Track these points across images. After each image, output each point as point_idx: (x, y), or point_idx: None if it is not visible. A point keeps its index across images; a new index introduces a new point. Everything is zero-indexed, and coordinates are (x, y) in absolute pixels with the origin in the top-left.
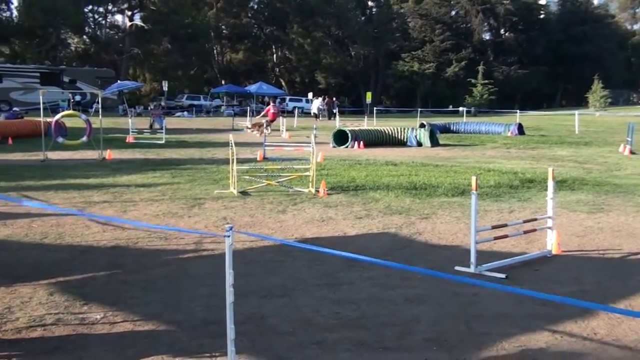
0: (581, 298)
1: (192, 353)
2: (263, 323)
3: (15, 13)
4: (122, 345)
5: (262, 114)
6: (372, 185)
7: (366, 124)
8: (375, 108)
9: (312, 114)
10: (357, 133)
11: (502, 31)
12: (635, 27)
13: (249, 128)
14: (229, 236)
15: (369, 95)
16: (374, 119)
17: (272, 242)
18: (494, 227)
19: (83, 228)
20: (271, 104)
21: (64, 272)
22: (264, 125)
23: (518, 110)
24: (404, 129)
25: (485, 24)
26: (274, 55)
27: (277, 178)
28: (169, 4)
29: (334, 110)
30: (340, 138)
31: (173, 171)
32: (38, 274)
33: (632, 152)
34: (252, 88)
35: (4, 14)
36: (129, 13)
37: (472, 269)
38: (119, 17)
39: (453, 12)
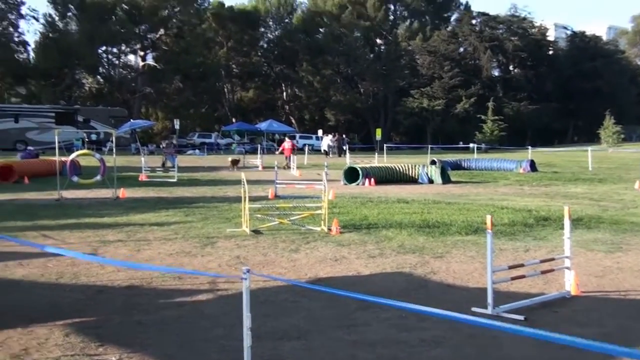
0: (603, 341)
1: None
2: None
3: (32, 55)
4: None
5: (279, 151)
6: (384, 224)
7: (377, 160)
8: (385, 145)
9: (322, 151)
10: (368, 170)
11: (511, 67)
12: None
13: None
14: (246, 278)
15: (378, 132)
16: (384, 155)
17: (285, 282)
18: (510, 267)
19: (98, 267)
20: (286, 139)
21: (79, 312)
22: (285, 164)
23: (529, 147)
24: (415, 165)
25: (494, 60)
26: (284, 93)
27: (289, 216)
28: (180, 44)
29: (344, 148)
30: (351, 175)
31: (186, 209)
32: (54, 314)
33: None
34: (263, 126)
35: (21, 56)
36: (142, 53)
37: (489, 310)
38: (132, 57)
39: (461, 49)
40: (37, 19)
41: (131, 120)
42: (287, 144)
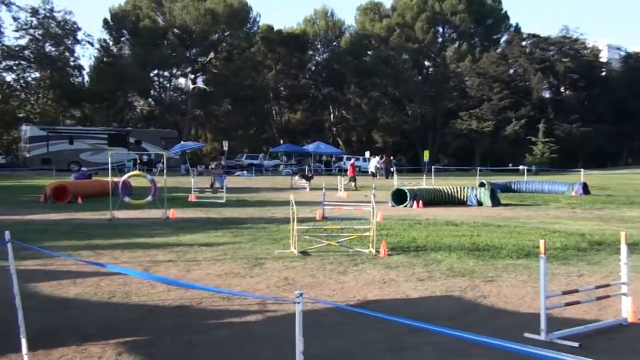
0: None
1: None
2: None
3: (86, 78)
4: None
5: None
6: (433, 246)
7: (424, 182)
8: (433, 166)
9: (369, 173)
10: (415, 192)
11: (562, 89)
12: None
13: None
14: (299, 302)
15: (426, 153)
16: (432, 177)
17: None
18: (564, 293)
19: (149, 287)
20: (352, 160)
21: (131, 331)
22: (351, 183)
23: (582, 169)
24: (464, 187)
25: (545, 82)
26: (331, 115)
27: (337, 238)
28: (230, 67)
29: (392, 169)
30: (399, 197)
31: (234, 230)
32: (106, 333)
33: None
34: (310, 147)
35: (76, 80)
36: (192, 76)
37: (542, 337)
38: (182, 80)
39: (511, 71)
40: (92, 44)
41: (181, 141)
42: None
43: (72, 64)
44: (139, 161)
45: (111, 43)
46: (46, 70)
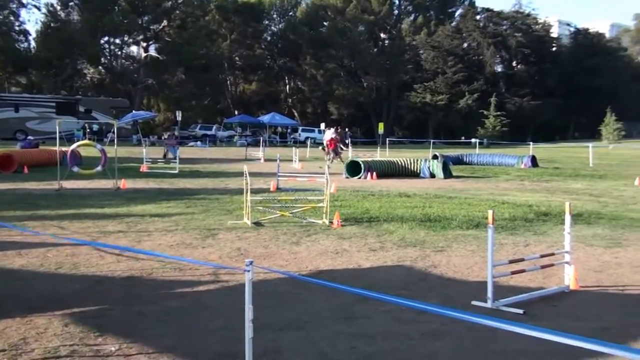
0: (602, 335)
1: None
2: (279, 357)
3: (32, 44)
4: None
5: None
6: (385, 217)
7: (379, 154)
8: (387, 139)
9: (324, 145)
10: (370, 164)
11: (514, 63)
12: None
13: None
14: (249, 270)
15: (381, 126)
16: (387, 149)
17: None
18: (511, 262)
19: (98, 258)
20: (331, 130)
21: (78, 302)
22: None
23: (531, 142)
24: (417, 160)
25: (497, 56)
26: (287, 86)
27: (290, 209)
28: (183, 36)
29: (346, 141)
30: (353, 169)
31: (187, 201)
32: (53, 304)
33: None
34: (265, 118)
35: (22, 45)
36: (144, 44)
37: (489, 304)
38: (134, 48)
39: (465, 45)
40: (38, 8)
41: (133, 111)
42: (332, 135)
43: (17, 28)
44: (88, 130)
45: (59, 8)
46: None
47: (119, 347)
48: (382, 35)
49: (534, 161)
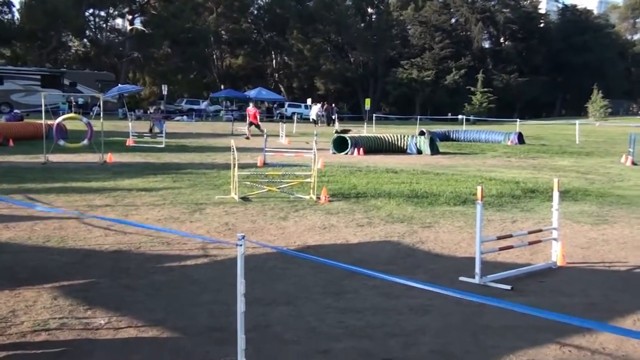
0: (588, 311)
1: None
2: (268, 331)
3: (17, 15)
4: (127, 351)
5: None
6: (373, 193)
7: (365, 130)
8: (374, 115)
9: (310, 120)
10: (357, 140)
11: (501, 40)
12: (635, 37)
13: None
14: (241, 245)
15: (368, 102)
16: (373, 125)
17: (274, 249)
18: (499, 238)
19: (85, 232)
20: (251, 106)
21: (67, 275)
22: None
23: (518, 119)
24: (404, 136)
25: (485, 32)
26: (274, 61)
27: (278, 184)
28: (169, 9)
29: (333, 117)
30: (340, 144)
31: (174, 175)
32: (41, 277)
33: (634, 163)
34: (252, 93)
35: (6, 17)
36: (130, 17)
37: (476, 280)
38: (119, 21)
39: (453, 20)
40: None
41: (119, 84)
42: (251, 110)
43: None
44: (74, 103)
45: None
46: None
47: (108, 320)
48: (370, 10)
49: (520, 138)
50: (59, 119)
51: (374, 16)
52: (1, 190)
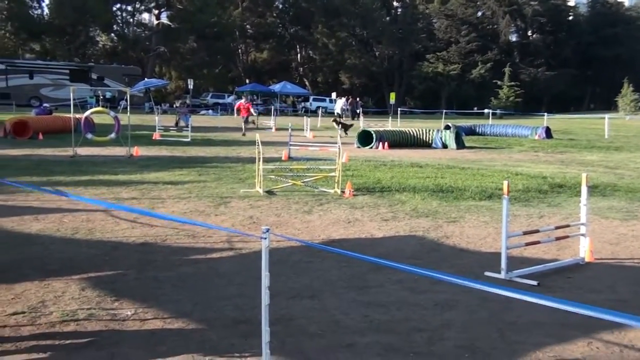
0: (617, 308)
1: (222, 352)
2: (292, 324)
3: (46, 11)
4: (153, 342)
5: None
6: (398, 187)
7: (390, 124)
8: (399, 109)
9: (335, 114)
10: (381, 134)
11: (529, 33)
12: None
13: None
14: (265, 238)
15: (392, 96)
16: (398, 120)
17: (299, 243)
18: (525, 233)
19: (113, 224)
20: (242, 100)
21: (95, 267)
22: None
23: (545, 113)
24: (429, 130)
25: (512, 25)
26: (298, 55)
27: (302, 178)
28: (195, 3)
29: (357, 111)
30: (365, 139)
31: (199, 169)
32: (70, 268)
33: None
34: (276, 87)
35: (36, 12)
36: (156, 12)
37: (502, 275)
38: (146, 16)
39: (479, 13)
40: None
41: (145, 79)
42: (243, 105)
43: None
44: (101, 98)
45: None
46: (3, 1)
47: (135, 312)
48: (395, 3)
49: (548, 132)
50: (87, 113)
51: (399, 10)
52: (31, 183)
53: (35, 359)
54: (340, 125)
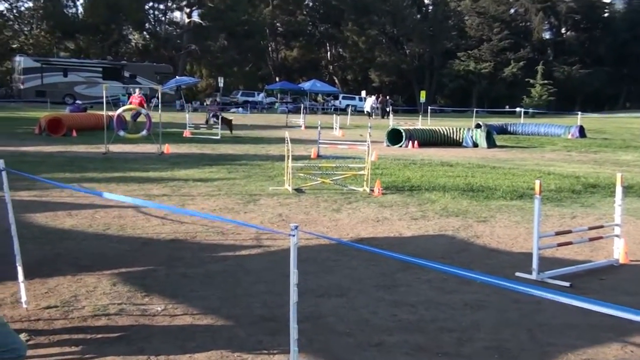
0: None
1: (250, 349)
2: (321, 322)
3: (80, 9)
4: (183, 338)
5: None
6: (427, 186)
7: (420, 123)
8: (429, 107)
9: (365, 113)
10: (411, 132)
11: (563, 30)
12: None
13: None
14: (294, 235)
15: (423, 94)
16: (428, 118)
17: (328, 241)
18: (557, 233)
19: (143, 220)
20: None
21: (126, 263)
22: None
23: (579, 112)
24: (460, 129)
25: (546, 22)
26: (328, 53)
27: (331, 176)
28: (226, 1)
29: (387, 109)
30: (394, 137)
31: (229, 167)
32: (101, 264)
33: None
34: (306, 85)
35: (70, 11)
36: (188, 10)
37: (534, 276)
38: (177, 14)
39: (512, 10)
40: None
41: (176, 77)
42: (136, 98)
43: None
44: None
45: None
46: (39, 0)
47: (165, 307)
48: (426, 1)
49: (581, 131)
50: (119, 110)
51: (430, 7)
52: (65, 179)
53: (68, 352)
54: (222, 121)
